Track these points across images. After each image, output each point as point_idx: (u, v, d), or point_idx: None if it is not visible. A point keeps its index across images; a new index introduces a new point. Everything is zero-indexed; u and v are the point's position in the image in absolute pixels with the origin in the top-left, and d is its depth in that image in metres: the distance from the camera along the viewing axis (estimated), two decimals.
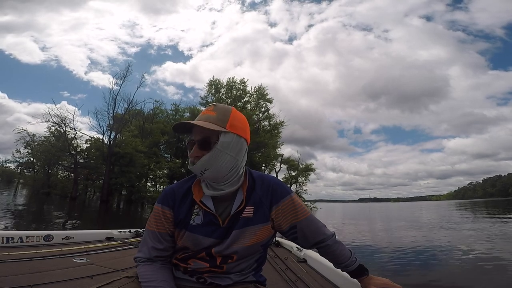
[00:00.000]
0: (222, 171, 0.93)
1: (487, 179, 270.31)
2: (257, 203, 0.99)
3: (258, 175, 1.04)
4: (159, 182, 37.20)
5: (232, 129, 0.93)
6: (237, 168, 0.96)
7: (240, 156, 0.96)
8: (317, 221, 1.08)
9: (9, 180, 65.91)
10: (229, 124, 0.93)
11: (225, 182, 0.96)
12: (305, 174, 39.90)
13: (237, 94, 34.15)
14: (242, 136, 0.96)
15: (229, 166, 0.93)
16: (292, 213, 1.02)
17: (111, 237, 2.99)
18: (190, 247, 0.98)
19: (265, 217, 0.99)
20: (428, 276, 5.24)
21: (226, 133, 0.92)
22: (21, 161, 42.08)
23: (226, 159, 0.92)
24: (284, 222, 1.02)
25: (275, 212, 1.01)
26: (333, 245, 1.08)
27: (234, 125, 0.94)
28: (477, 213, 26.43)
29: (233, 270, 1.01)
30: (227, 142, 0.92)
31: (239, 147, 0.95)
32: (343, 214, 34.69)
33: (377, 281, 1.08)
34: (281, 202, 1.01)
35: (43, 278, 1.58)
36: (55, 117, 28.81)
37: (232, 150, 0.93)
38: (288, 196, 1.02)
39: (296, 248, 2.59)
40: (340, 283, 1.60)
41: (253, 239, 0.98)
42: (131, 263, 2.04)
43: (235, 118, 0.96)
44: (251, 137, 1.03)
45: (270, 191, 1.01)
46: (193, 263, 0.99)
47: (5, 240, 2.28)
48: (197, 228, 0.96)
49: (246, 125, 1.00)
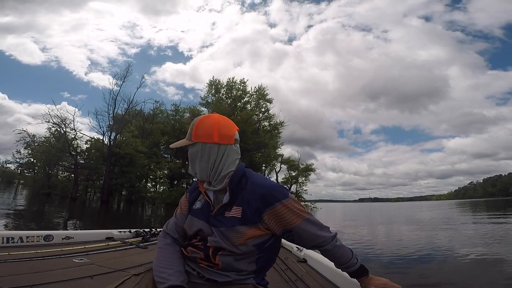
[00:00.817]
0: (204, 173, 1.06)
1: (487, 178, 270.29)
2: (246, 204, 1.02)
3: (254, 178, 1.07)
4: (159, 183, 37.22)
5: (196, 139, 1.05)
6: (215, 169, 1.05)
7: (212, 159, 1.05)
8: (315, 225, 1.06)
9: (9, 180, 66.00)
10: (194, 135, 1.06)
11: (214, 180, 1.07)
12: (305, 174, 39.91)
13: (237, 94, 34.10)
14: (208, 142, 1.04)
15: (205, 169, 1.06)
16: (286, 218, 1.02)
17: (111, 237, 2.99)
18: (188, 230, 1.11)
19: (254, 219, 1.01)
20: (428, 276, 5.24)
21: (192, 144, 1.06)
22: (21, 161, 42.21)
23: (201, 164, 1.06)
24: (277, 226, 1.03)
25: (267, 217, 1.01)
26: (332, 249, 1.08)
27: (198, 135, 1.05)
28: (477, 213, 26.42)
29: (230, 268, 1.02)
30: (194, 152, 1.06)
31: (208, 153, 1.05)
32: (344, 214, 34.70)
33: (377, 281, 1.08)
34: (272, 208, 1.01)
35: (43, 278, 1.58)
36: (55, 117, 28.92)
37: (202, 157, 1.05)
38: (283, 200, 1.02)
39: (296, 248, 2.59)
40: (340, 283, 1.61)
41: (242, 239, 1.00)
42: (131, 263, 2.06)
43: (199, 128, 1.06)
44: (251, 137, 1.07)
45: (261, 194, 1.02)
46: (190, 251, 1.07)
47: (5, 240, 2.28)
48: (195, 211, 1.11)
49: (212, 130, 1.05)
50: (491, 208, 37.04)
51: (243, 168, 1.09)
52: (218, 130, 1.05)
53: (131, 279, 1.00)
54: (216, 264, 1.01)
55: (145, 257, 2.29)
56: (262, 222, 1.02)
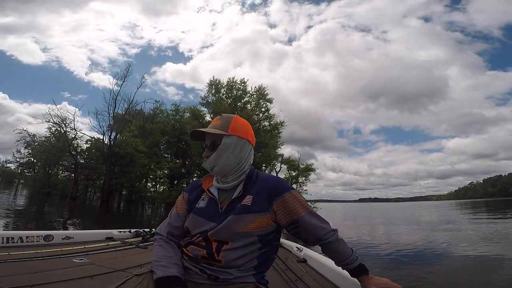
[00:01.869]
0: (227, 167, 1.11)
1: (487, 179, 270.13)
2: (256, 193, 1.08)
3: (263, 174, 1.17)
4: (159, 182, 37.21)
5: (233, 132, 1.11)
6: (241, 165, 1.12)
7: (243, 154, 1.13)
8: (319, 217, 1.12)
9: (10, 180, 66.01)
10: (231, 128, 1.12)
11: (231, 176, 1.12)
12: (305, 174, 39.82)
13: (237, 94, 34.05)
14: (243, 137, 1.13)
15: (233, 162, 1.11)
16: (293, 207, 1.07)
17: (111, 237, 2.99)
18: (191, 229, 1.11)
19: (264, 207, 1.06)
20: (428, 276, 5.24)
21: (228, 136, 1.11)
22: (22, 161, 42.27)
23: (229, 156, 1.10)
24: (285, 216, 1.08)
25: (276, 205, 1.07)
26: (335, 242, 1.10)
27: (235, 129, 1.12)
28: (477, 213, 26.40)
29: (231, 264, 1.03)
30: (229, 143, 1.11)
31: (241, 147, 1.12)
32: (344, 214, 34.71)
33: (377, 281, 1.08)
34: (282, 196, 1.07)
35: (43, 278, 1.58)
36: (56, 117, 28.92)
37: (235, 149, 1.11)
38: (290, 191, 1.09)
39: (296, 248, 2.58)
40: (340, 283, 1.60)
41: (249, 227, 1.03)
42: (131, 263, 2.06)
43: (236, 123, 1.13)
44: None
45: (271, 185, 1.09)
46: (191, 249, 1.07)
47: (5, 240, 2.28)
48: (199, 210, 1.12)
49: (247, 129, 1.16)
50: (491, 208, 37.02)
51: (253, 168, 1.18)
52: (250, 131, 1.17)
53: (133, 279, 1.00)
54: (219, 260, 1.03)
55: (145, 257, 2.28)
56: (271, 211, 1.07)
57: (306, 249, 2.45)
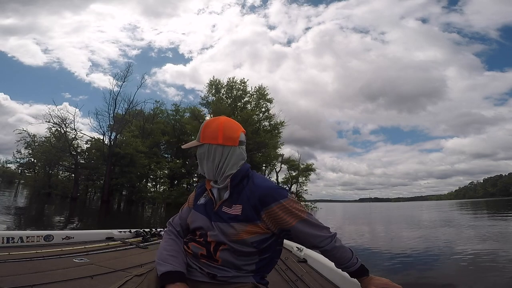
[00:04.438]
0: (210, 173, 1.13)
1: (488, 178, 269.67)
2: (245, 203, 1.06)
3: (255, 179, 1.11)
4: (159, 183, 37.17)
5: (204, 140, 1.11)
6: (219, 170, 1.11)
7: (218, 159, 1.11)
8: (313, 226, 1.07)
9: (10, 180, 65.97)
10: (202, 137, 1.12)
11: (218, 179, 1.13)
12: (305, 174, 39.83)
13: (237, 94, 34.04)
14: (213, 143, 1.10)
15: (211, 169, 1.12)
16: (282, 218, 1.04)
17: (111, 237, 2.99)
18: (190, 223, 1.17)
19: (253, 217, 1.05)
20: (428, 276, 5.24)
21: (200, 145, 1.13)
22: (22, 161, 42.28)
23: (207, 164, 1.12)
24: (275, 225, 1.06)
25: (264, 216, 1.04)
26: (331, 250, 1.09)
27: (205, 137, 1.11)
28: (478, 213, 26.38)
29: (229, 264, 1.04)
30: (201, 153, 1.13)
31: (213, 154, 1.11)
32: (344, 214, 34.67)
33: (377, 281, 1.07)
34: (269, 208, 1.04)
35: (43, 278, 1.58)
36: (56, 117, 28.95)
37: (208, 158, 1.11)
38: (280, 201, 1.04)
39: (296, 248, 2.58)
40: (340, 283, 1.60)
41: (241, 234, 1.03)
42: (132, 263, 2.05)
43: (206, 130, 1.12)
44: (251, 137, 1.12)
45: (259, 195, 1.05)
46: (193, 246, 1.10)
47: (5, 240, 2.28)
48: (199, 207, 1.16)
49: (217, 132, 1.10)
50: (492, 208, 36.96)
51: (247, 168, 1.13)
52: (222, 132, 1.10)
53: (133, 279, 1.01)
54: (217, 260, 1.04)
55: (145, 257, 2.28)
56: (261, 221, 1.05)
57: (306, 249, 2.44)
